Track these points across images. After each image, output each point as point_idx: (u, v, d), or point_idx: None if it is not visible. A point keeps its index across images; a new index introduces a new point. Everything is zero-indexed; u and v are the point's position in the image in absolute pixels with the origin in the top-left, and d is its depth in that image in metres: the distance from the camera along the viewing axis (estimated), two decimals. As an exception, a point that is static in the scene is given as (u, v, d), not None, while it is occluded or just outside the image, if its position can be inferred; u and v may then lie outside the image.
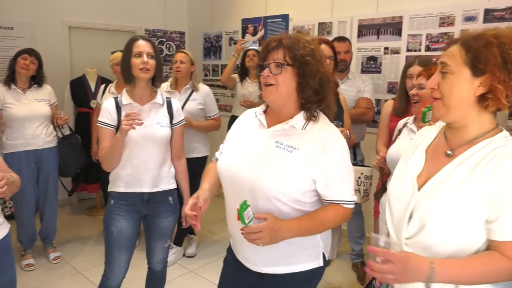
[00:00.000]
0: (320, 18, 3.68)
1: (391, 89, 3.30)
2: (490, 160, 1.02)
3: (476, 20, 2.81)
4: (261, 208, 1.31)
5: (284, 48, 1.31)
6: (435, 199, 1.09)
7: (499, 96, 1.01)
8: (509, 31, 1.03)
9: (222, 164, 1.46)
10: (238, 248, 1.50)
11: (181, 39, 5.03)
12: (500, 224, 0.98)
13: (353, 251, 3.16)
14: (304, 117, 1.36)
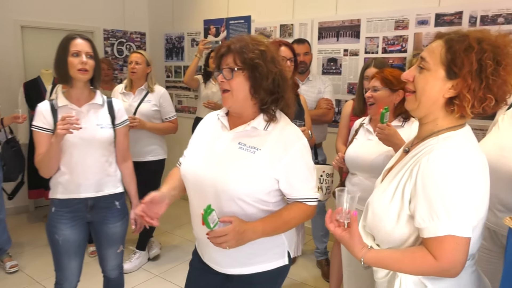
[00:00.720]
0: (281, 20, 3.73)
1: (351, 90, 3.40)
2: (415, 160, 1.07)
3: (428, 23, 2.96)
4: (226, 210, 1.32)
5: (234, 53, 1.32)
6: (377, 191, 1.18)
7: (465, 104, 1.04)
8: (495, 36, 1.05)
9: (185, 168, 1.46)
10: (203, 251, 1.50)
11: (142, 39, 4.93)
12: (419, 222, 1.03)
13: (317, 249, 3.23)
14: (264, 119, 1.37)
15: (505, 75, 1.02)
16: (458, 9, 2.81)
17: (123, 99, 3.08)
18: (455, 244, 0.98)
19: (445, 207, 0.98)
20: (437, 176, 1.00)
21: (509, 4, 2.63)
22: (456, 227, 0.98)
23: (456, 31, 1.08)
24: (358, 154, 1.98)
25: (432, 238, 1.01)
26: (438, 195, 0.99)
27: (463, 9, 2.79)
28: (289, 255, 1.48)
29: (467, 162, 1.01)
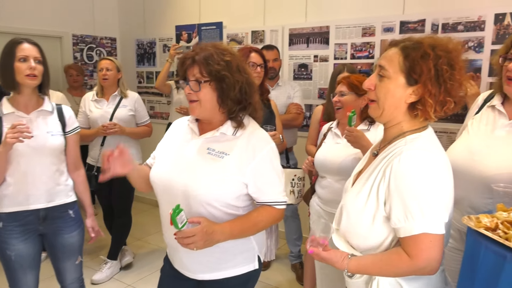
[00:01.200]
0: (253, 26, 3.77)
1: (322, 95, 3.47)
2: (386, 162, 1.12)
3: (394, 31, 3.06)
4: (194, 213, 1.33)
5: (199, 64, 1.32)
6: (350, 195, 1.21)
7: (428, 109, 1.09)
8: (446, 42, 1.10)
9: (154, 173, 1.46)
10: (174, 257, 1.49)
11: (113, 45, 4.86)
12: (395, 222, 1.07)
13: (291, 252, 3.26)
14: (232, 125, 1.39)
15: (460, 78, 1.09)
16: (421, 17, 2.93)
17: (96, 106, 3.06)
18: (429, 242, 1.03)
19: (418, 207, 1.02)
20: (409, 177, 1.04)
21: (468, 13, 2.76)
22: (430, 225, 1.02)
23: (409, 38, 1.13)
24: (327, 157, 2.03)
25: (408, 237, 1.04)
26: (411, 195, 1.03)
27: (426, 17, 2.91)
28: (260, 259, 1.49)
29: (435, 163, 1.06)
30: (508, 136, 1.48)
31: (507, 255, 0.89)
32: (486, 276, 0.94)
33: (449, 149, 1.65)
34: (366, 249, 1.16)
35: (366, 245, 1.16)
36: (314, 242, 1.18)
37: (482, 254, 0.96)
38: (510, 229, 0.95)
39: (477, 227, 1.00)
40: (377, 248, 1.14)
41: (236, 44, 3.89)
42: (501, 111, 1.54)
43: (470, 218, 1.06)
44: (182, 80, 1.39)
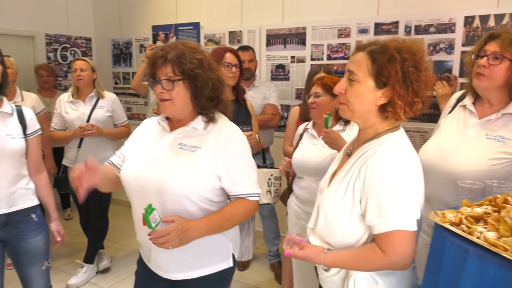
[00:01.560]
0: (230, 27, 3.77)
1: (299, 96, 3.50)
2: (361, 161, 1.14)
3: (368, 32, 3.12)
4: (169, 210, 1.32)
5: (171, 63, 1.32)
6: (326, 194, 1.22)
7: (398, 110, 1.12)
8: (409, 44, 1.13)
9: (126, 172, 1.45)
10: (148, 256, 1.48)
11: (88, 45, 4.77)
12: (369, 220, 1.10)
13: (269, 252, 3.27)
14: (203, 120, 1.41)
15: (426, 79, 1.12)
16: (394, 19, 3.00)
17: (72, 107, 3.00)
18: (402, 238, 1.06)
19: (392, 204, 1.05)
20: (382, 176, 1.07)
21: (440, 15, 2.84)
22: (402, 222, 1.05)
23: (375, 42, 1.17)
24: (305, 158, 2.04)
25: (382, 234, 1.07)
26: (385, 194, 1.06)
27: (399, 19, 2.98)
28: (234, 257, 1.50)
29: (407, 162, 1.09)
30: (477, 134, 1.53)
31: (469, 249, 0.92)
32: (451, 269, 0.97)
33: (422, 148, 1.70)
34: (342, 247, 1.18)
35: (342, 243, 1.18)
36: (290, 242, 1.19)
37: (447, 248, 1.00)
38: (473, 224, 0.98)
39: (442, 222, 1.03)
40: (353, 246, 1.16)
41: (213, 44, 3.88)
42: (472, 110, 1.59)
43: (436, 214, 1.09)
44: (152, 79, 1.38)
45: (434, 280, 1.04)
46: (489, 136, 1.49)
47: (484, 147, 1.48)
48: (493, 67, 1.46)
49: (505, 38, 1.45)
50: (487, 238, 0.89)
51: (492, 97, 1.54)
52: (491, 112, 1.54)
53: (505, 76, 1.46)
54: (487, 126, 1.53)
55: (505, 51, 1.44)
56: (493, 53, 1.46)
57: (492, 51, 1.47)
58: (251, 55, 3.08)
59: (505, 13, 2.62)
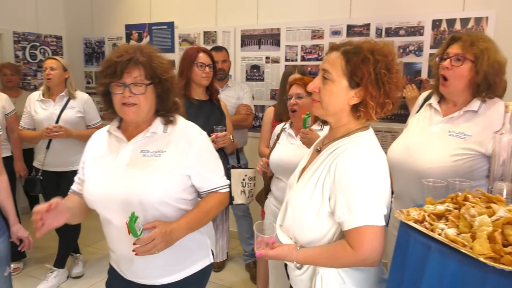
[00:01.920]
0: (205, 27, 3.76)
1: (274, 96, 3.52)
2: (331, 158, 1.17)
3: (341, 34, 3.17)
4: (148, 218, 1.31)
5: (143, 66, 1.30)
6: (295, 190, 1.24)
7: (370, 110, 1.15)
8: (382, 46, 1.16)
9: (90, 191, 1.39)
10: (127, 269, 1.44)
11: (58, 43, 4.64)
12: (339, 216, 1.12)
13: (245, 252, 3.28)
14: (161, 122, 1.40)
15: (397, 81, 1.16)
16: (366, 22, 3.06)
17: (42, 106, 2.92)
18: (371, 233, 1.08)
19: (361, 200, 1.08)
20: (352, 173, 1.09)
21: (409, 18, 2.92)
22: (371, 217, 1.08)
23: (349, 43, 1.19)
24: (282, 158, 2.04)
25: (351, 230, 1.09)
26: (355, 190, 1.08)
27: (371, 21, 3.04)
28: (213, 253, 1.53)
29: (375, 160, 1.12)
30: (441, 132, 1.59)
31: (431, 245, 0.95)
32: (414, 265, 1.00)
33: (391, 146, 1.74)
34: (308, 242, 1.20)
35: (309, 238, 1.20)
36: (262, 243, 1.20)
37: (411, 245, 1.02)
38: (435, 221, 1.02)
39: (406, 220, 1.06)
40: (320, 241, 1.18)
41: (188, 44, 3.85)
42: (437, 109, 1.65)
43: (401, 212, 1.12)
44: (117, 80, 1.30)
45: (399, 275, 1.07)
46: (452, 133, 1.55)
47: (447, 144, 1.54)
48: (455, 68, 1.52)
49: (465, 40, 1.51)
50: (448, 234, 0.92)
51: (457, 99, 1.60)
52: (454, 110, 1.60)
53: (467, 76, 1.52)
54: (450, 123, 1.59)
55: (466, 53, 1.50)
56: (455, 55, 1.52)
57: (454, 53, 1.53)
58: (224, 55, 3.08)
59: (470, 17, 2.72)
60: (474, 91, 1.53)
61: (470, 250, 0.86)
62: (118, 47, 1.36)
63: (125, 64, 1.29)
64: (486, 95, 1.52)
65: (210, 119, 2.30)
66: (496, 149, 1.21)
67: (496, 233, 0.84)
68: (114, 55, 1.31)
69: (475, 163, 1.48)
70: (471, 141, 1.50)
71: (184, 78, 2.25)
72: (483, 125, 1.49)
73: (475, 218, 0.91)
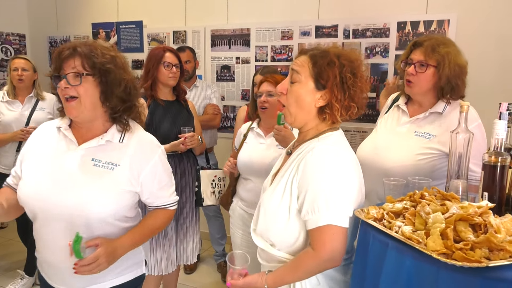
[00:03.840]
0: (174, 26, 3.71)
1: (244, 96, 3.52)
2: (299, 158, 1.18)
3: (310, 35, 3.21)
4: (90, 236, 1.23)
5: (81, 57, 1.22)
6: (267, 193, 1.25)
7: (335, 113, 1.17)
8: (348, 52, 1.19)
9: (25, 193, 1.27)
10: (53, 275, 1.35)
11: (21, 42, 4.48)
12: (304, 214, 1.13)
13: (216, 252, 3.27)
14: (117, 129, 1.32)
15: (362, 85, 1.18)
16: (334, 23, 3.10)
17: (9, 108, 2.82)
18: (332, 234, 1.08)
19: (325, 199, 1.08)
20: (318, 170, 1.10)
21: (375, 20, 2.98)
22: (333, 217, 1.08)
23: (317, 47, 1.22)
24: (252, 159, 2.00)
25: (314, 229, 1.10)
26: (319, 188, 1.09)
27: (338, 23, 3.09)
28: (146, 263, 1.47)
29: (342, 159, 1.14)
30: (407, 132, 1.64)
31: (389, 243, 0.98)
32: (374, 262, 1.02)
33: (359, 146, 1.78)
34: (283, 246, 1.20)
35: (283, 241, 1.20)
36: (234, 275, 1.18)
37: (371, 242, 1.05)
38: (393, 219, 1.04)
39: (366, 219, 1.09)
40: (294, 243, 1.18)
41: (157, 44, 3.80)
42: (404, 110, 1.71)
43: (362, 211, 1.14)
44: (56, 73, 1.24)
45: (361, 272, 1.09)
46: (417, 133, 1.60)
47: (412, 143, 1.59)
48: (420, 74, 1.58)
49: (427, 46, 1.56)
50: (404, 232, 0.95)
51: (422, 100, 1.66)
52: (421, 111, 1.66)
53: (431, 81, 1.58)
54: (416, 124, 1.64)
55: (428, 59, 1.55)
56: (419, 62, 1.57)
57: (417, 60, 1.58)
58: (188, 55, 3.06)
59: (433, 20, 2.80)
60: (438, 93, 1.60)
61: (424, 247, 0.89)
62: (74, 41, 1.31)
63: (65, 56, 1.22)
64: (450, 97, 1.58)
65: (177, 119, 2.27)
66: (452, 148, 1.25)
67: (448, 229, 0.87)
68: (61, 47, 1.26)
69: (438, 162, 1.54)
70: (436, 141, 1.55)
71: (150, 78, 2.21)
72: (446, 126, 1.54)
73: (430, 215, 0.94)
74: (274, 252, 1.21)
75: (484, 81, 2.63)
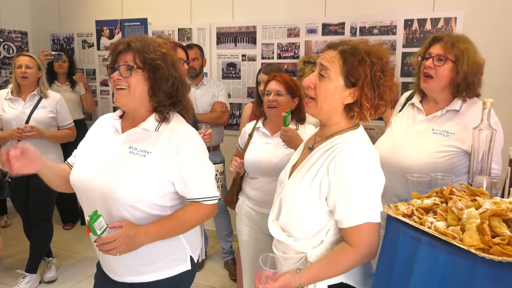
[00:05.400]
0: (179, 24, 3.70)
1: (251, 94, 3.52)
2: (326, 158, 1.18)
3: (316, 32, 3.21)
4: (116, 217, 1.28)
5: (134, 51, 1.30)
6: (289, 187, 1.25)
7: (364, 112, 1.18)
8: (377, 49, 1.18)
9: (74, 175, 1.38)
10: (102, 260, 1.44)
11: (23, 39, 4.44)
12: (340, 214, 1.14)
13: (223, 249, 3.27)
14: (156, 119, 1.36)
15: (391, 84, 1.19)
16: (341, 21, 3.11)
17: (11, 105, 2.79)
18: (370, 230, 1.12)
19: (362, 199, 1.11)
20: (352, 172, 1.12)
21: (382, 17, 2.99)
22: (371, 215, 1.12)
23: (345, 42, 1.21)
24: (260, 159, 2.00)
25: (352, 228, 1.12)
26: (355, 189, 1.11)
27: (345, 20, 3.10)
28: (192, 260, 1.47)
29: (371, 158, 1.16)
30: (425, 130, 1.66)
31: (421, 238, 0.99)
32: (404, 258, 1.03)
33: (375, 144, 1.79)
34: (303, 237, 1.22)
35: (303, 234, 1.22)
36: (262, 278, 1.16)
37: (401, 239, 1.06)
38: (423, 215, 1.05)
39: (395, 214, 1.10)
40: (315, 235, 1.20)
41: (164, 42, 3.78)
42: (420, 108, 1.72)
43: (389, 207, 1.15)
44: (111, 65, 1.33)
45: (388, 269, 1.10)
46: (435, 131, 1.62)
47: (430, 141, 1.61)
48: (438, 67, 1.59)
49: (447, 41, 1.58)
50: (438, 227, 0.96)
51: (438, 96, 1.67)
52: (436, 109, 1.67)
53: (448, 76, 1.59)
54: (433, 122, 1.66)
55: (448, 53, 1.57)
56: (437, 55, 1.58)
57: (436, 53, 1.59)
58: (196, 53, 3.06)
59: (440, 17, 2.82)
60: (454, 90, 1.61)
61: (461, 242, 0.90)
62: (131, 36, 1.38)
63: (119, 50, 1.31)
64: (466, 95, 1.60)
65: None
66: (474, 145, 1.26)
67: (484, 225, 0.88)
68: (118, 41, 1.35)
69: (457, 159, 1.55)
70: (454, 139, 1.57)
71: None
72: (464, 124, 1.56)
73: (463, 211, 0.95)
74: (292, 243, 1.24)
75: (491, 79, 2.64)
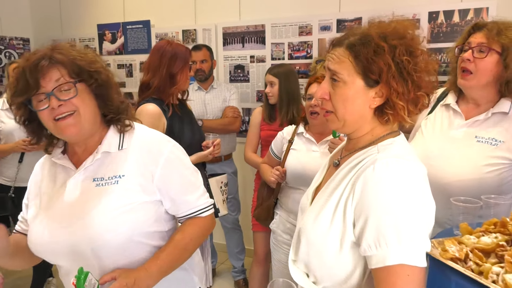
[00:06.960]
0: (183, 25, 3.49)
1: (260, 98, 3.28)
2: (354, 174, 0.90)
3: (331, 29, 2.95)
4: (110, 265, 1.05)
5: (64, 64, 1.01)
6: (309, 215, 0.97)
7: (400, 112, 0.89)
8: (395, 26, 0.90)
9: (33, 240, 1.10)
10: None
11: (25, 46, 4.30)
12: (365, 249, 0.85)
13: (234, 268, 3.02)
14: (115, 132, 1.11)
15: (426, 64, 0.89)
16: (357, 16, 2.85)
17: (9, 115, 2.61)
18: (405, 276, 0.80)
19: (395, 229, 0.80)
20: (385, 191, 0.83)
21: (403, 11, 2.69)
22: (408, 255, 0.80)
23: (352, 33, 0.93)
24: (306, 168, 1.78)
25: (381, 269, 0.82)
26: (387, 214, 0.81)
27: (362, 15, 2.83)
28: None
29: (415, 174, 0.86)
30: (466, 137, 1.37)
31: (484, 296, 0.73)
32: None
33: None
34: (331, 283, 0.93)
35: (332, 278, 0.92)
36: None
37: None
38: (482, 260, 0.79)
39: (444, 258, 0.83)
40: (346, 281, 0.90)
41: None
42: (456, 110, 1.43)
43: (433, 245, 0.88)
44: (36, 92, 0.99)
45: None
46: (480, 139, 1.32)
47: (475, 152, 1.31)
48: (478, 60, 1.30)
49: (492, 28, 1.29)
50: (508, 283, 0.69)
51: (479, 96, 1.38)
52: (477, 111, 1.38)
53: (492, 71, 1.30)
54: (476, 127, 1.36)
55: (492, 42, 1.28)
56: (478, 45, 1.30)
57: (477, 43, 1.31)
58: (204, 54, 2.82)
59: (469, 8, 2.53)
60: (500, 88, 1.31)
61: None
62: (24, 54, 1.09)
63: (36, 68, 0.98)
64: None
65: (193, 125, 2.03)
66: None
67: None
68: (20, 61, 1.04)
69: (508, 174, 1.26)
70: (504, 148, 1.27)
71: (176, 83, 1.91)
72: None
73: (544, 260, 0.69)
74: None
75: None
